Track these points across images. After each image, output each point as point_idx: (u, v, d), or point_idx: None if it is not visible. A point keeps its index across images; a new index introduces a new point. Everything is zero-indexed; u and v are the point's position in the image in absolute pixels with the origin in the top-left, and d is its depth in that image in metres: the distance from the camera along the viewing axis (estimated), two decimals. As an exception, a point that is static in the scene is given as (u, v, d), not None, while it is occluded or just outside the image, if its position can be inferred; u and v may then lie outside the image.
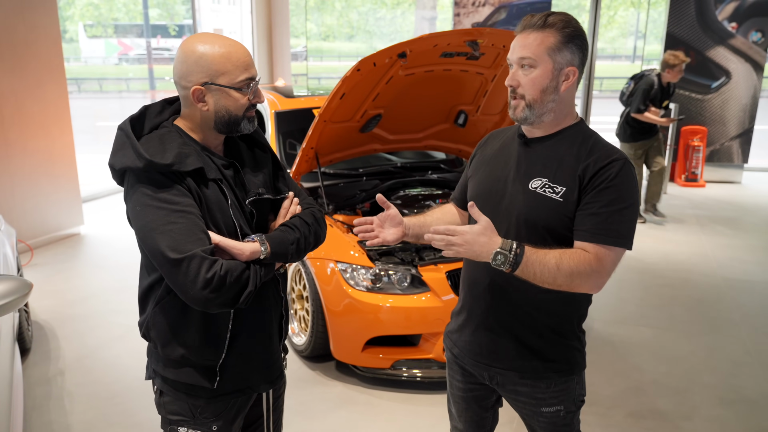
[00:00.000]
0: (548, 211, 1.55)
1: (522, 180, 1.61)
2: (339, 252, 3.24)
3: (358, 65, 3.15)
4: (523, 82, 1.54)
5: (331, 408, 3.08)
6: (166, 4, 21.45)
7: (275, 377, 1.74)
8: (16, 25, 4.97)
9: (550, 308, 1.64)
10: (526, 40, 1.53)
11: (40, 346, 3.68)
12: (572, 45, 1.53)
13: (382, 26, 19.51)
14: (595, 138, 1.61)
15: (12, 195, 5.08)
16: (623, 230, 1.51)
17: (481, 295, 1.69)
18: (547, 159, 1.59)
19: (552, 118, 1.58)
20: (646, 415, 3.05)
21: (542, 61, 1.52)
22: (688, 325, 4.03)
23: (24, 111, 5.12)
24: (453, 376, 1.88)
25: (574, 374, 1.71)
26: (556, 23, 1.52)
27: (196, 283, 1.38)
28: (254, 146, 1.69)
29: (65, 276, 4.80)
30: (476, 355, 1.74)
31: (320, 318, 3.28)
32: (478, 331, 1.72)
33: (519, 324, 1.66)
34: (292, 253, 1.58)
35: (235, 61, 1.48)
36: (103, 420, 2.98)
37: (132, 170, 1.46)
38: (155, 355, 1.64)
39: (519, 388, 1.71)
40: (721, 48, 7.71)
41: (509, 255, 1.45)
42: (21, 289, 1.94)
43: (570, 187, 1.54)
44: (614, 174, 1.50)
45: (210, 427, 1.63)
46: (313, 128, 3.47)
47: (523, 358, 1.67)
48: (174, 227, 1.40)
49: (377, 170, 4.19)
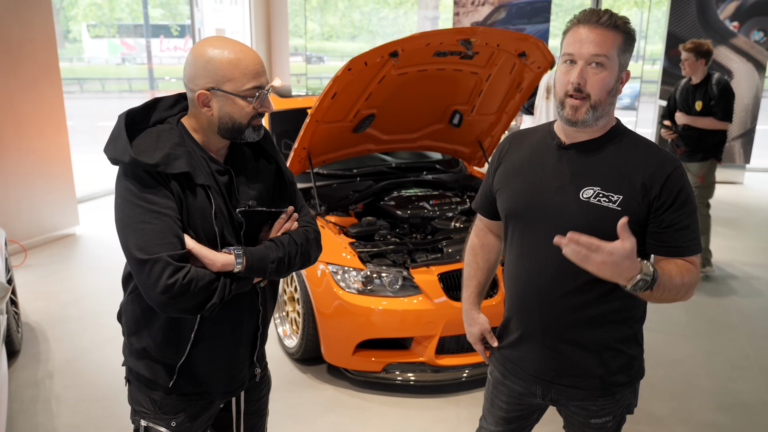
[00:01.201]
0: (607, 222, 1.43)
1: (570, 189, 1.51)
2: (330, 253, 3.20)
3: (349, 64, 3.11)
4: (593, 81, 1.44)
5: (321, 412, 3.04)
6: (170, 4, 21.47)
7: (236, 388, 1.70)
8: (11, 25, 4.94)
9: (606, 319, 1.56)
10: (599, 36, 1.43)
11: (30, 349, 3.65)
12: (631, 47, 1.48)
13: (384, 26, 19.48)
14: (641, 140, 1.54)
15: (6, 195, 5.05)
16: (698, 232, 1.53)
17: (535, 313, 1.61)
18: (594, 166, 1.51)
19: (605, 121, 1.52)
20: (641, 419, 3.00)
21: (613, 61, 1.45)
22: (686, 328, 3.98)
23: (18, 111, 5.09)
24: (496, 396, 1.79)
25: (633, 385, 1.66)
26: (621, 25, 1.45)
27: (156, 286, 1.37)
28: (261, 156, 1.64)
29: (59, 277, 4.77)
30: (533, 370, 1.66)
31: (311, 320, 3.23)
32: (534, 348, 1.64)
33: (577, 339, 1.58)
34: (271, 271, 1.54)
35: (243, 68, 1.45)
36: (91, 423, 2.94)
37: (120, 162, 1.46)
38: (124, 341, 1.66)
39: (572, 402, 1.65)
40: (723, 47, 7.64)
41: (649, 281, 1.36)
42: (-2, 292, 1.91)
43: (628, 194, 1.47)
44: (682, 182, 1.48)
45: (169, 422, 1.63)
46: (304, 128, 3.43)
47: (584, 374, 1.60)
48: (146, 227, 1.39)
49: (371, 171, 4.14)
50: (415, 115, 3.86)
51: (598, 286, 1.49)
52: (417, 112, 3.84)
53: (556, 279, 1.54)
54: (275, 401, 3.10)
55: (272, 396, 3.11)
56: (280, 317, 3.68)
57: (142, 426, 1.65)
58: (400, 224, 3.63)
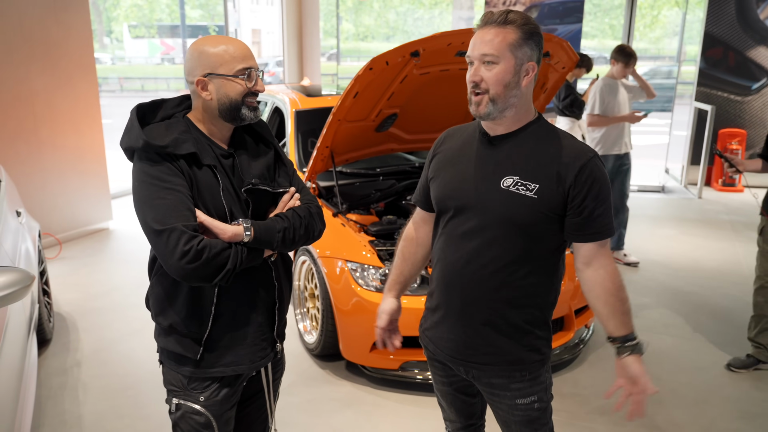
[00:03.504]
0: (524, 209, 1.58)
1: (491, 179, 1.63)
2: (350, 251, 3.23)
3: (370, 64, 3.13)
4: (486, 77, 1.56)
5: (338, 408, 3.07)
6: (208, 5, 21.87)
7: (260, 359, 1.80)
8: (50, 25, 5.11)
9: (520, 301, 1.67)
10: (488, 36, 1.56)
11: (60, 338, 3.77)
12: (531, 41, 1.57)
13: (419, 26, 19.46)
14: (560, 133, 1.65)
15: (43, 190, 5.23)
16: (611, 217, 1.64)
17: (454, 293, 1.71)
18: (515, 156, 1.62)
19: (513, 113, 1.61)
20: (662, 425, 2.95)
21: (504, 57, 1.55)
22: (714, 335, 3.89)
23: (56, 108, 5.27)
24: (434, 372, 1.91)
25: (544, 364, 1.75)
26: (516, 20, 1.55)
27: (174, 253, 1.50)
28: (259, 141, 1.81)
29: (91, 270, 4.92)
30: (452, 350, 1.76)
31: (330, 317, 3.27)
32: (455, 328, 1.74)
33: (491, 318, 1.68)
34: (278, 242, 1.67)
35: (232, 52, 1.63)
36: (114, 411, 3.03)
37: (135, 150, 1.62)
38: (155, 325, 1.77)
39: (494, 380, 1.73)
40: (763, 48, 7.44)
41: (639, 343, 1.67)
42: (22, 281, 1.98)
43: (544, 183, 1.58)
44: (596, 171, 1.58)
45: (197, 398, 1.74)
46: (327, 127, 3.47)
47: (497, 351, 1.70)
48: (161, 202, 1.54)
49: (394, 170, 4.16)
50: (438, 114, 3.86)
51: (514, 271, 1.63)
52: (439, 111, 3.84)
53: (475, 262, 1.65)
54: (293, 395, 3.16)
55: (291, 390, 3.18)
56: (300, 313, 3.72)
57: (173, 403, 1.76)
58: (420, 223, 3.64)
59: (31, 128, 5.08)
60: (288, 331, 3.72)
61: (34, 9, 4.97)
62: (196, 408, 1.74)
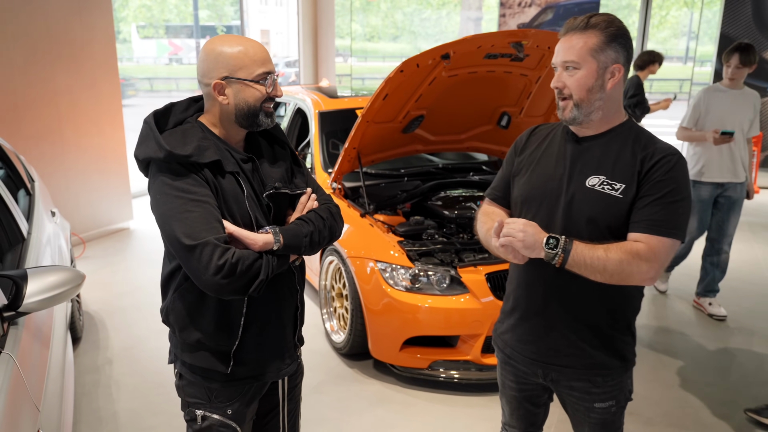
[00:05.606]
0: (609, 208, 1.57)
1: (578, 178, 1.63)
2: (379, 251, 3.27)
3: (402, 66, 3.17)
4: (569, 83, 1.58)
5: (368, 406, 3.11)
6: (216, 5, 21.92)
7: (287, 366, 1.79)
8: (74, 27, 5.16)
9: (605, 304, 1.65)
10: (570, 42, 1.57)
11: (90, 336, 3.82)
12: (615, 44, 1.56)
13: (427, 27, 19.47)
14: (648, 135, 1.63)
15: (66, 189, 5.29)
16: (678, 221, 1.54)
17: (536, 295, 1.71)
18: (602, 156, 1.62)
19: (600, 116, 1.61)
20: (689, 426, 2.97)
21: (585, 62, 1.56)
22: (737, 336, 3.91)
23: (79, 109, 5.32)
24: (505, 377, 1.90)
25: (628, 369, 1.73)
26: (598, 24, 1.55)
27: (209, 268, 1.45)
28: (274, 143, 1.76)
29: (115, 269, 4.97)
30: (532, 352, 1.75)
31: (359, 316, 3.30)
32: (536, 329, 1.73)
33: (574, 321, 1.67)
34: (305, 246, 1.64)
35: (252, 56, 1.56)
36: (148, 408, 3.07)
37: (154, 161, 1.55)
38: (174, 340, 1.72)
39: (574, 384, 1.73)
40: (779, 49, 7.44)
41: (560, 240, 1.53)
42: (75, 280, 2.02)
43: (629, 183, 1.57)
44: (670, 167, 1.54)
45: (225, 410, 1.70)
46: (355, 128, 3.50)
47: (580, 354, 1.69)
48: (190, 215, 1.48)
49: (419, 171, 4.20)
50: (464, 116, 3.89)
51: None
52: (465, 113, 3.87)
53: None
54: (323, 393, 3.20)
55: (320, 388, 3.22)
56: (327, 313, 3.76)
57: (198, 415, 1.71)
58: (447, 224, 3.67)
59: (56, 129, 5.14)
60: (314, 330, 3.79)
61: (59, 11, 5.02)
62: (223, 421, 1.70)
